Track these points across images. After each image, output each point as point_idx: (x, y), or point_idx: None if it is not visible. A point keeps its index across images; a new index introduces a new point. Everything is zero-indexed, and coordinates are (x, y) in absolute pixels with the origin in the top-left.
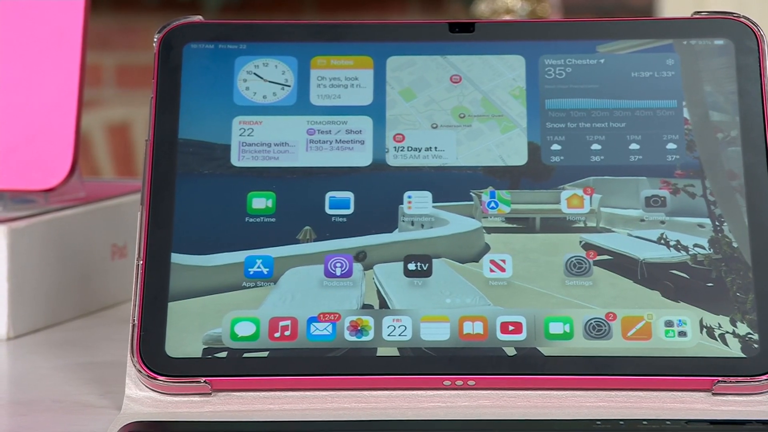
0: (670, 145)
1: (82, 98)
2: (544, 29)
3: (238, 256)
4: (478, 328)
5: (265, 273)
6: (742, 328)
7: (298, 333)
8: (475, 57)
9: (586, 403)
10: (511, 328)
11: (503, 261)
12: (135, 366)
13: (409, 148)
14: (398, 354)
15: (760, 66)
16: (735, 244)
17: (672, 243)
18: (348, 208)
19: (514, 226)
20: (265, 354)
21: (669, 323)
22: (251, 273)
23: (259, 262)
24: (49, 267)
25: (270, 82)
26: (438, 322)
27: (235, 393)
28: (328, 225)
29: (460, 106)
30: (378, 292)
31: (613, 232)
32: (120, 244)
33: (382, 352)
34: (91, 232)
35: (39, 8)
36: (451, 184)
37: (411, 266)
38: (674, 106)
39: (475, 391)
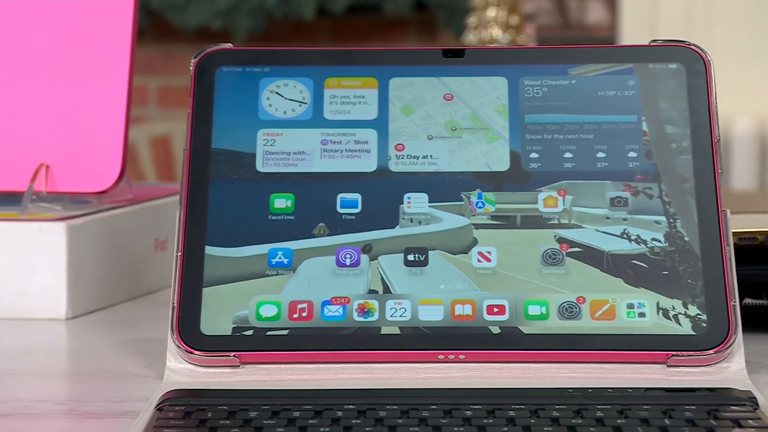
0: (632, 154)
1: (129, 115)
2: (524, 55)
3: (263, 249)
4: (467, 310)
5: (286, 263)
6: (693, 310)
7: (314, 314)
8: (465, 78)
9: (560, 373)
10: (495, 309)
11: (489, 253)
12: (174, 342)
13: (409, 156)
14: (399, 332)
15: (707, 86)
16: (686, 238)
17: (633, 237)
18: (356, 207)
19: (499, 222)
20: (285, 332)
21: (630, 306)
22: (273, 263)
23: (280, 253)
24: (102, 258)
25: (289, 99)
26: (433, 304)
27: (260, 365)
28: (339, 222)
29: (452, 120)
30: (382, 279)
31: (583, 228)
32: (161, 238)
33: (385, 330)
34: (137, 228)
35: (94, 41)
36: (445, 187)
37: (410, 257)
38: (635, 121)
39: (465, 364)
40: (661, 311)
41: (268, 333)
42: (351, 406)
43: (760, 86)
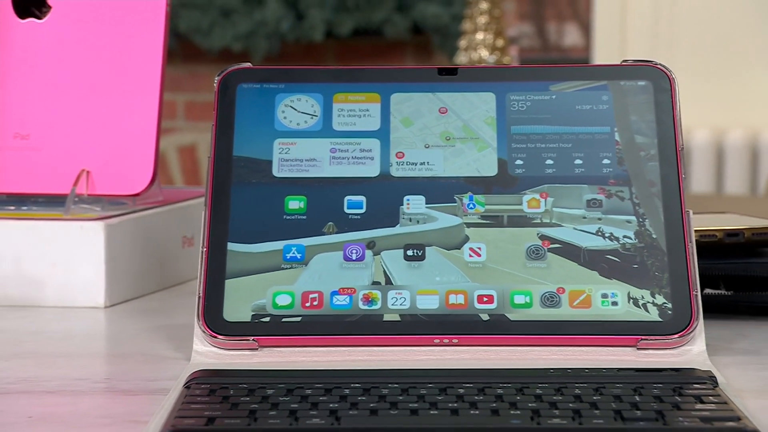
0: (605, 161)
1: (160, 127)
2: (510, 73)
3: (278, 245)
4: (460, 299)
5: (299, 257)
6: (660, 299)
7: (324, 303)
8: (458, 94)
9: (543, 356)
10: (485, 299)
11: (479, 248)
12: (200, 328)
13: (408, 163)
14: (400, 319)
15: (672, 101)
16: (654, 236)
17: (607, 234)
18: (361, 208)
19: (488, 222)
20: (298, 319)
21: (604, 295)
22: (288, 257)
23: (294, 249)
24: (136, 253)
25: (302, 113)
26: (430, 294)
27: (276, 348)
28: (346, 221)
29: (447, 131)
30: (384, 272)
31: (562, 226)
32: (189, 235)
33: (387, 317)
34: (167, 227)
35: (130, 62)
36: (440, 190)
37: (409, 252)
38: (608, 131)
39: (458, 347)
40: (631, 300)
41: (284, 320)
42: (357, 385)
43: (715, 101)
